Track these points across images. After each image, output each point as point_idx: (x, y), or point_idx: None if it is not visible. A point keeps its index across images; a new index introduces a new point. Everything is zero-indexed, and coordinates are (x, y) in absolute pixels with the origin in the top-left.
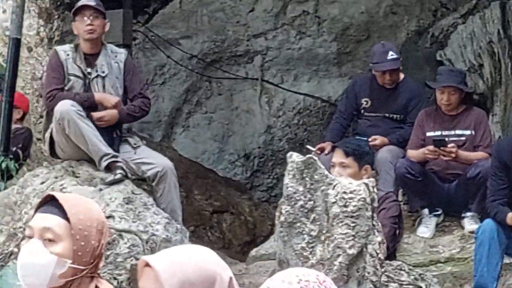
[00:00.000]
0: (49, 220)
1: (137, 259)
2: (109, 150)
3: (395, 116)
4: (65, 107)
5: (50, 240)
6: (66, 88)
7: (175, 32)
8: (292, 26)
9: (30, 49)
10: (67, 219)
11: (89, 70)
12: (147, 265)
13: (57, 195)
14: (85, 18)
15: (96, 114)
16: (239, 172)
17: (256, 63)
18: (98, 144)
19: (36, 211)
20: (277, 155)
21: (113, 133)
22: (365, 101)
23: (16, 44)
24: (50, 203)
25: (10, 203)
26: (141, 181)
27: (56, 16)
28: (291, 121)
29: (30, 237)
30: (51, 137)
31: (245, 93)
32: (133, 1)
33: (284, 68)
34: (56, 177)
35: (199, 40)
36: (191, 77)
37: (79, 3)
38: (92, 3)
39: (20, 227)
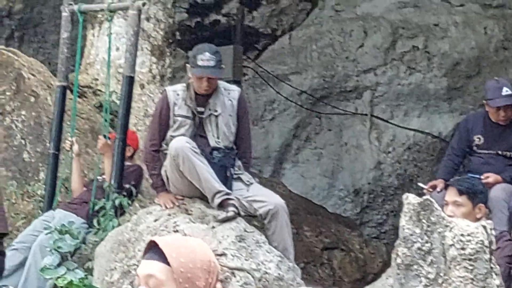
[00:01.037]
0: (152, 266)
1: None
2: (222, 187)
3: (508, 153)
4: (180, 143)
5: (154, 287)
6: (173, 128)
7: (285, 68)
8: (402, 61)
9: (142, 86)
10: (168, 263)
11: (200, 109)
12: None
13: (158, 239)
14: (203, 79)
15: None
16: (348, 208)
17: (366, 98)
18: (212, 181)
19: (142, 258)
20: (387, 191)
21: (226, 172)
22: (478, 138)
23: (129, 82)
24: (153, 249)
25: (123, 240)
26: (251, 217)
27: (168, 53)
28: (401, 157)
29: (138, 286)
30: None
31: (354, 129)
32: (243, 37)
33: (394, 104)
34: (169, 215)
35: (308, 75)
36: (301, 112)
37: (200, 67)
38: (214, 69)
39: (134, 265)
